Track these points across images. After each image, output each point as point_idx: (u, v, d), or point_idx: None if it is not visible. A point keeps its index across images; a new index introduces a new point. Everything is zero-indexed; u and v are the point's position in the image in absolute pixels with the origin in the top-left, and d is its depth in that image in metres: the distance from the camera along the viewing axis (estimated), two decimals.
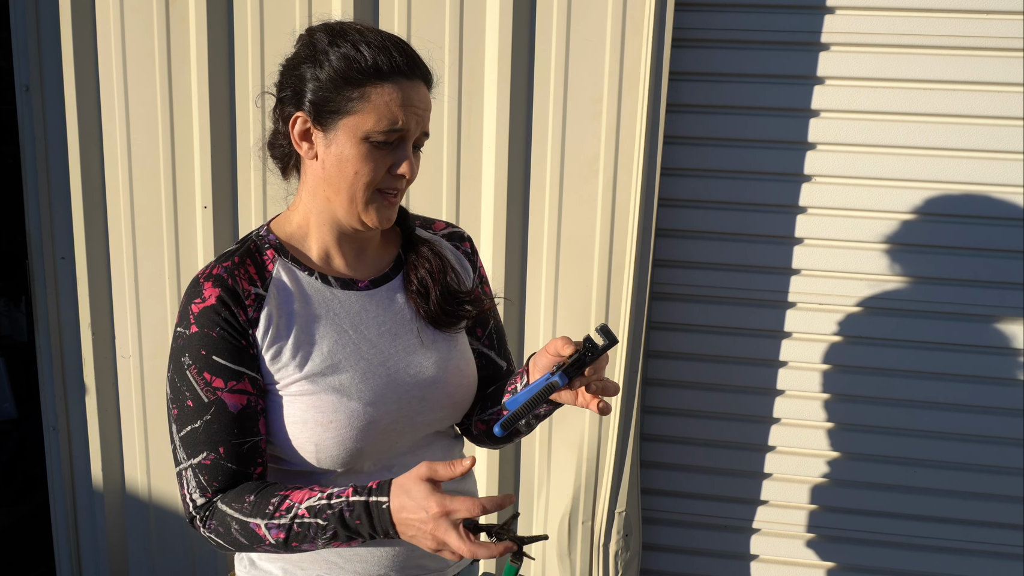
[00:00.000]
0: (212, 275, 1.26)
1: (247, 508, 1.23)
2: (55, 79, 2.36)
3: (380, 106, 1.23)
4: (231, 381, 1.25)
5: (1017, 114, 2.23)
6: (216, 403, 1.24)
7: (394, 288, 1.39)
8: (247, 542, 1.24)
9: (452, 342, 1.41)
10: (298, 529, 1.21)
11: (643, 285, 2.28)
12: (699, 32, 2.29)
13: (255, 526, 1.22)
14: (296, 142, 1.28)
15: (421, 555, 1.36)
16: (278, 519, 1.21)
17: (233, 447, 1.25)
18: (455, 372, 1.40)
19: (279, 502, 1.22)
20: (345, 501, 1.19)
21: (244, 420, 1.25)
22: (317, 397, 1.27)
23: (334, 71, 1.24)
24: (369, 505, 1.18)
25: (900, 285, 2.35)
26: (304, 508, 1.21)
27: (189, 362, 1.25)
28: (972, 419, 2.39)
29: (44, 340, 2.51)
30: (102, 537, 2.62)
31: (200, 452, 1.25)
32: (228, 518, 1.24)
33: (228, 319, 1.24)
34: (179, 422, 1.26)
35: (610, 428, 2.36)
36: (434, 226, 1.50)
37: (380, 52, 1.24)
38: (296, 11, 2.25)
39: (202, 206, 2.37)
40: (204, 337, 1.24)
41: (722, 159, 2.36)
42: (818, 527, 2.52)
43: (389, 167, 1.27)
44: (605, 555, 2.47)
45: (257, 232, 1.35)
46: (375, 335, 1.34)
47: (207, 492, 1.26)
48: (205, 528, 1.27)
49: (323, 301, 1.32)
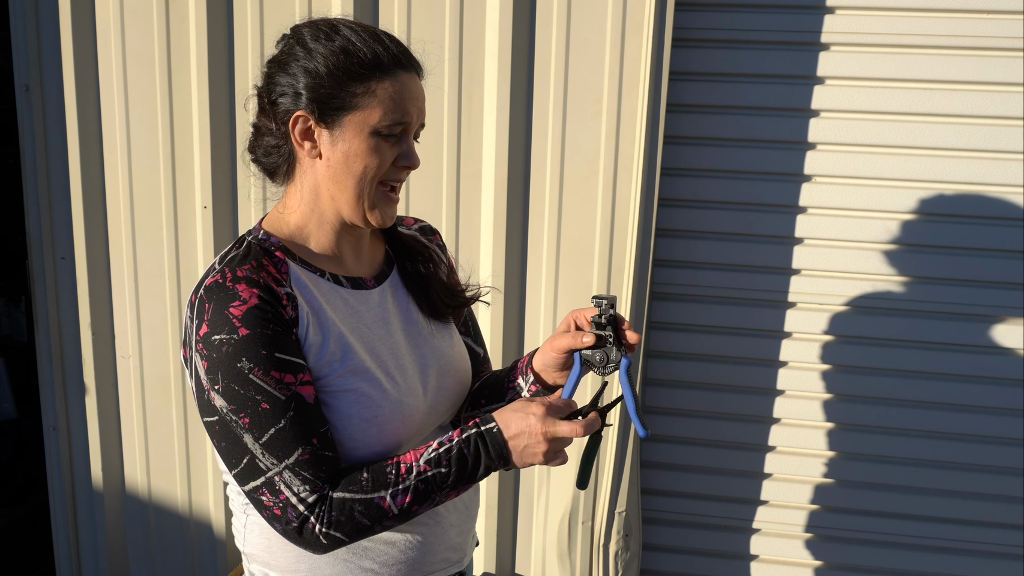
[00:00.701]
0: (240, 278, 1.21)
1: (367, 485, 1.20)
2: (55, 79, 2.35)
3: (386, 100, 1.24)
4: (300, 374, 1.22)
5: (1017, 114, 2.23)
6: (294, 397, 1.20)
7: (394, 284, 1.41)
8: (368, 522, 1.21)
9: (450, 332, 1.45)
10: (423, 487, 1.21)
11: (643, 285, 2.28)
12: (699, 32, 2.29)
13: (379, 499, 1.20)
14: (297, 142, 1.26)
15: (446, 547, 1.38)
16: (403, 483, 1.20)
17: (322, 435, 1.22)
18: (460, 359, 1.45)
19: (395, 469, 1.21)
20: (459, 441, 1.22)
21: (320, 409, 1.25)
22: (358, 393, 1.27)
23: (335, 67, 1.23)
24: (483, 434, 1.22)
25: (900, 285, 2.35)
26: (423, 463, 1.21)
27: (251, 365, 1.18)
28: (972, 419, 2.39)
29: (44, 340, 2.51)
30: (102, 537, 2.62)
31: (295, 450, 1.19)
32: (348, 502, 1.20)
33: (277, 316, 1.21)
34: (258, 428, 1.19)
35: (610, 428, 2.36)
36: (404, 222, 1.51)
37: (377, 44, 1.24)
38: (296, 11, 2.25)
39: (202, 206, 2.37)
40: (260, 337, 1.19)
41: (722, 159, 2.35)
42: (818, 527, 2.52)
43: (395, 159, 1.28)
44: (605, 555, 2.47)
45: (254, 236, 1.31)
46: (396, 328, 1.36)
47: (318, 486, 1.20)
48: (322, 524, 1.20)
49: (342, 301, 1.31)
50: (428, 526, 1.35)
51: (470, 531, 1.46)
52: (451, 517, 1.39)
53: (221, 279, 1.21)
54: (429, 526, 1.35)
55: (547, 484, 2.46)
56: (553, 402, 1.23)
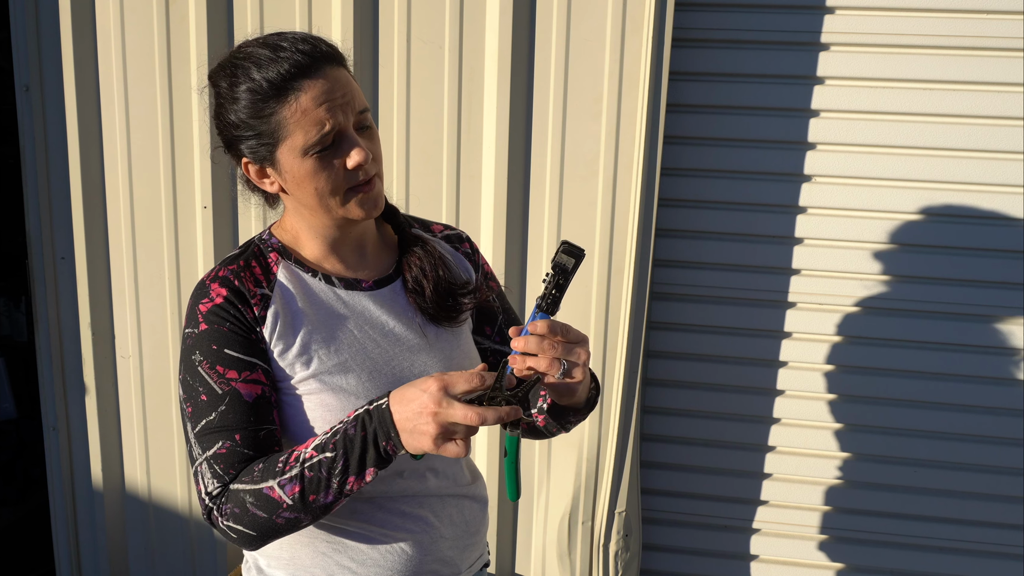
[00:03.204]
0: (218, 277, 1.27)
1: (257, 476, 1.19)
2: (55, 79, 2.35)
3: (299, 120, 1.19)
4: (244, 371, 1.24)
5: (1017, 114, 2.23)
6: (231, 393, 1.23)
7: (397, 288, 1.39)
8: (265, 514, 1.18)
9: (456, 340, 1.41)
10: (310, 474, 1.16)
11: (643, 285, 2.28)
12: (699, 32, 2.29)
13: (268, 490, 1.18)
14: (258, 182, 1.29)
15: (435, 559, 1.36)
16: (289, 472, 1.17)
17: (250, 434, 1.23)
18: (459, 369, 1.39)
19: (286, 457, 1.19)
20: (347, 421, 1.17)
21: (259, 408, 1.24)
22: (325, 396, 1.27)
23: (246, 110, 1.22)
24: (370, 411, 1.15)
25: (900, 285, 2.35)
26: (311, 449, 1.17)
27: (200, 358, 1.24)
28: (972, 419, 2.39)
29: (44, 340, 2.51)
30: (102, 537, 2.62)
31: (215, 443, 1.22)
32: (241, 494, 1.20)
33: (236, 316, 1.25)
34: (193, 418, 1.24)
35: (610, 428, 2.36)
36: (432, 228, 1.50)
37: (270, 67, 1.19)
38: (296, 11, 2.25)
39: (202, 206, 2.37)
40: (215, 332, 1.24)
41: (722, 159, 2.35)
42: (818, 527, 2.52)
43: (344, 165, 1.23)
44: (605, 555, 2.47)
45: (260, 236, 1.37)
46: (380, 335, 1.34)
47: (223, 479, 1.22)
48: (223, 517, 1.22)
49: (328, 302, 1.32)
50: (415, 533, 1.34)
51: (468, 548, 1.43)
52: (444, 529, 1.37)
53: (207, 277, 1.29)
54: (416, 533, 1.34)
55: (547, 484, 2.46)
56: (454, 377, 1.10)
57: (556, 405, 1.37)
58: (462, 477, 1.43)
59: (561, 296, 1.19)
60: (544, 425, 1.43)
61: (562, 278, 1.18)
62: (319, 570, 1.33)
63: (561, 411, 1.38)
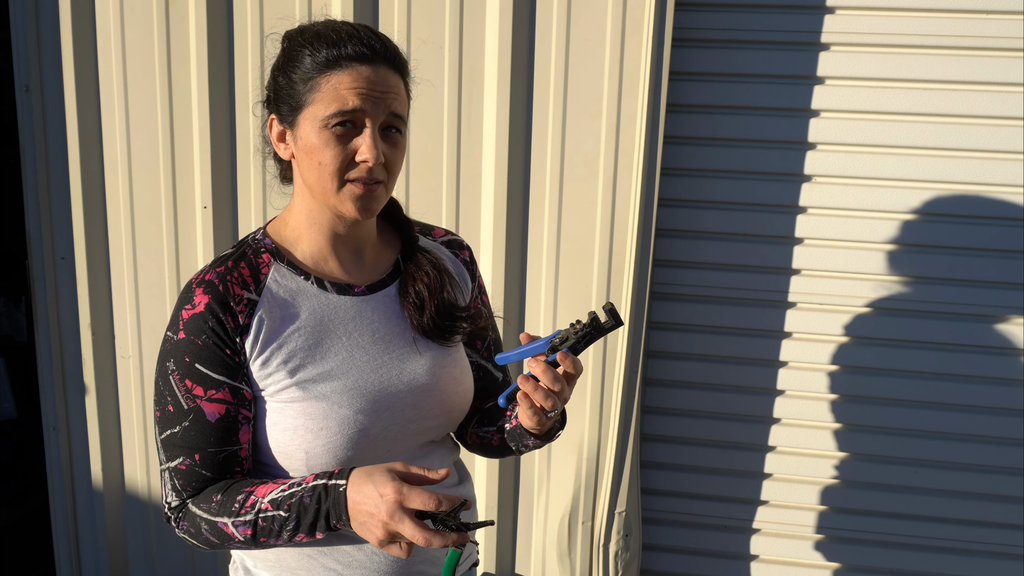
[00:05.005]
0: (204, 280, 1.27)
1: (214, 508, 1.25)
2: (55, 79, 2.36)
3: (328, 91, 1.23)
4: (211, 390, 1.25)
5: (1017, 114, 2.23)
6: (195, 411, 1.25)
7: (391, 294, 1.37)
8: (218, 540, 1.26)
9: (447, 349, 1.40)
10: (263, 524, 1.22)
11: (643, 285, 2.28)
12: (699, 32, 2.29)
13: (223, 525, 1.24)
14: (276, 144, 1.31)
15: (422, 560, 1.35)
16: (244, 516, 1.23)
17: (209, 455, 1.26)
18: (449, 380, 1.39)
19: (244, 499, 1.23)
20: (306, 488, 1.21)
21: (222, 430, 1.26)
22: (308, 404, 1.26)
23: (293, 70, 1.26)
24: (328, 488, 1.19)
25: (900, 285, 2.35)
26: (267, 501, 1.22)
27: (173, 367, 1.26)
28: (972, 419, 2.39)
29: (44, 340, 2.51)
30: (102, 537, 2.62)
31: (177, 456, 1.27)
32: (198, 519, 1.26)
33: (215, 328, 1.24)
34: (160, 425, 1.28)
35: (610, 428, 2.36)
36: (433, 233, 1.48)
37: (334, 46, 1.24)
38: (296, 11, 2.25)
39: (202, 206, 2.37)
40: (190, 344, 1.25)
41: (722, 159, 2.35)
42: (818, 527, 2.52)
43: (353, 154, 1.24)
44: (605, 555, 2.47)
45: (253, 236, 1.35)
46: (368, 342, 1.32)
47: (181, 496, 1.28)
48: (179, 529, 1.30)
49: (318, 306, 1.31)
50: None
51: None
52: None
53: (194, 279, 1.29)
54: None
55: (547, 484, 2.46)
56: (411, 493, 1.12)
57: (518, 428, 1.37)
58: (449, 479, 1.42)
59: (584, 349, 1.24)
60: (498, 445, 1.45)
61: (595, 336, 1.24)
62: (304, 572, 1.33)
63: (522, 434, 1.38)
